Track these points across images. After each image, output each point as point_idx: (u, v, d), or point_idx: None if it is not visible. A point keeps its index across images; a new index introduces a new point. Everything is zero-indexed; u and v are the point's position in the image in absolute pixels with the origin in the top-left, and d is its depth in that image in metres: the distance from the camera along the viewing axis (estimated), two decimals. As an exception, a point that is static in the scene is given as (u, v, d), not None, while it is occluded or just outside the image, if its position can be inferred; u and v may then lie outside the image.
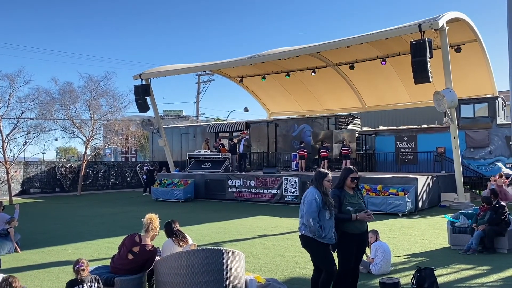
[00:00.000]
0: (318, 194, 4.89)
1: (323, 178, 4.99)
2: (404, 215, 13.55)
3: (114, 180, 27.33)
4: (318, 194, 4.89)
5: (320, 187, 4.94)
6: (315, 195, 4.88)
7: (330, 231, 4.88)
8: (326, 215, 4.86)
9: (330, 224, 4.89)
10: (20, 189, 23.26)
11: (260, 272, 6.84)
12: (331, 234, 4.88)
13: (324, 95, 26.84)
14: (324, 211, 4.85)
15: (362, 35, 16.95)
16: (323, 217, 4.84)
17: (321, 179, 4.98)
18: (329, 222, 4.88)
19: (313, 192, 4.93)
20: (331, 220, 4.92)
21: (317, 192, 4.91)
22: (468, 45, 18.95)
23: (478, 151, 18.86)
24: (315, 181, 5.01)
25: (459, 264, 7.46)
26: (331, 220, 4.91)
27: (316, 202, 4.83)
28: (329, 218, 4.89)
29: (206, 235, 10.49)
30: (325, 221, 4.84)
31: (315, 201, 4.83)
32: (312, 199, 4.87)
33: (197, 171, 21.29)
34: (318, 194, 4.89)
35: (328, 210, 4.87)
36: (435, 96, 14.77)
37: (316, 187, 4.96)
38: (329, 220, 4.89)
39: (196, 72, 35.32)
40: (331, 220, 4.91)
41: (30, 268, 7.50)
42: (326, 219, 4.85)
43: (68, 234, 11.02)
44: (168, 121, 52.92)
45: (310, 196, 4.91)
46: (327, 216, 4.86)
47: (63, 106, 24.17)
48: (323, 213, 4.85)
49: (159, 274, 5.30)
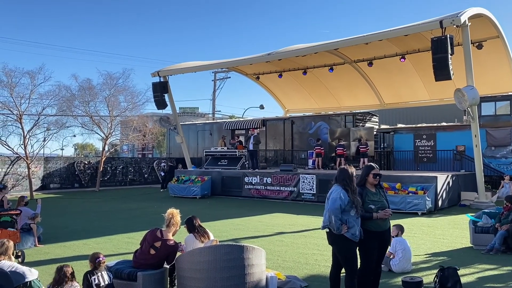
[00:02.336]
0: (344, 193, 4.85)
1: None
2: (423, 214, 13.38)
3: (132, 176, 27.60)
4: (343, 192, 4.86)
5: (350, 185, 4.89)
6: (340, 194, 4.85)
7: (356, 228, 4.86)
8: (352, 212, 4.84)
9: (357, 222, 4.88)
10: (40, 184, 23.67)
11: (279, 269, 6.83)
12: (356, 231, 4.85)
13: (341, 92, 26.62)
14: (350, 209, 4.83)
15: (381, 31, 16.75)
16: (349, 215, 4.83)
17: (349, 178, 4.91)
18: (355, 220, 4.87)
19: (338, 190, 4.90)
20: (358, 219, 4.90)
21: (342, 191, 4.87)
22: (490, 41, 18.56)
23: (499, 150, 18.49)
24: (342, 180, 4.95)
25: (482, 264, 7.34)
26: (358, 219, 4.90)
27: (340, 200, 4.80)
28: (356, 216, 4.87)
29: (224, 232, 10.53)
30: (350, 217, 4.83)
31: (340, 199, 4.81)
32: (337, 197, 4.84)
33: (214, 168, 21.36)
34: (343, 193, 4.85)
35: (355, 208, 4.85)
36: (456, 94, 14.51)
37: (343, 186, 4.91)
38: (356, 218, 4.88)
39: (213, 69, 35.42)
40: (358, 219, 4.90)
41: (53, 261, 7.61)
42: (351, 216, 4.84)
43: (89, 229, 11.17)
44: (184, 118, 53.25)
45: (335, 194, 4.89)
46: (352, 214, 4.85)
47: (82, 103, 24.51)
48: (349, 211, 4.83)
49: (181, 269, 5.33)
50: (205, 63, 23.26)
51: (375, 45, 19.19)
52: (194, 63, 23.88)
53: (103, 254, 5.35)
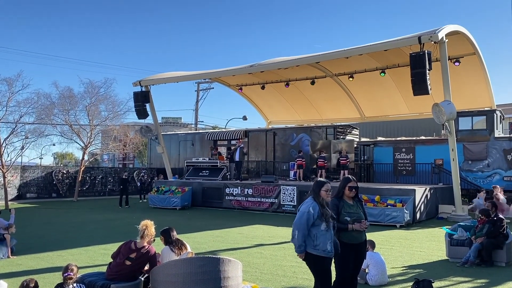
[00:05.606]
0: (314, 206, 4.71)
1: (320, 188, 4.80)
2: (401, 227, 13.52)
3: (111, 186, 27.21)
4: (314, 205, 4.71)
5: (317, 198, 4.77)
6: (309, 207, 4.69)
7: (325, 243, 4.67)
8: (322, 226, 4.68)
9: (326, 237, 4.69)
10: (16, 193, 23.12)
11: (257, 282, 6.79)
12: (325, 246, 4.66)
13: (323, 105, 26.91)
14: (320, 222, 4.67)
15: (361, 46, 17.03)
16: (318, 229, 4.67)
17: (318, 189, 4.81)
18: (325, 235, 4.69)
19: (309, 203, 4.76)
20: (328, 232, 4.72)
21: (313, 203, 4.74)
22: (467, 58, 19.06)
23: (476, 164, 18.87)
24: (313, 191, 4.84)
25: (456, 277, 7.42)
26: (328, 232, 4.72)
27: (309, 214, 4.65)
28: (325, 230, 4.69)
29: (203, 243, 10.43)
30: (319, 232, 4.67)
31: (308, 213, 4.66)
32: (305, 211, 4.69)
33: (195, 178, 21.24)
34: (313, 206, 4.70)
35: (325, 222, 4.69)
36: (434, 108, 14.81)
37: (314, 198, 4.79)
38: (326, 232, 4.70)
39: (196, 80, 35.40)
40: (328, 232, 4.72)
41: (25, 273, 7.41)
42: (321, 231, 4.68)
43: (64, 240, 10.94)
44: (167, 128, 52.93)
45: (304, 207, 4.74)
46: (322, 228, 4.68)
47: (62, 111, 24.17)
48: (319, 225, 4.68)
49: (155, 282, 5.25)
50: (188, 74, 23.22)
51: (356, 59, 19.50)
52: (177, 73, 23.83)
53: (76, 266, 5.27)
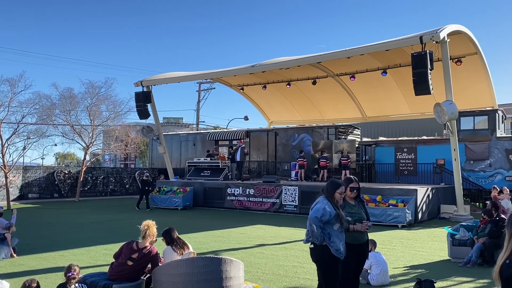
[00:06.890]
0: (329, 205, 4.62)
1: (335, 190, 4.68)
2: (403, 227, 13.50)
3: (113, 186, 27.21)
4: (329, 204, 4.63)
5: (331, 199, 4.67)
6: (325, 205, 4.61)
7: (338, 243, 4.61)
8: (336, 226, 4.63)
9: (339, 237, 4.64)
10: (18, 194, 23.15)
11: (258, 282, 6.79)
12: (338, 246, 4.60)
13: (324, 105, 26.89)
14: (335, 222, 4.61)
15: (363, 46, 17.03)
16: (332, 228, 4.61)
17: (333, 190, 4.69)
18: (338, 235, 4.63)
19: (324, 202, 4.67)
20: (342, 233, 4.67)
21: (328, 202, 4.66)
22: (469, 57, 19.04)
23: (478, 164, 18.84)
24: (326, 192, 4.74)
25: (459, 277, 7.41)
26: (341, 233, 4.67)
27: (325, 211, 4.56)
28: (339, 230, 4.65)
29: (204, 244, 10.43)
30: (333, 231, 4.61)
31: (324, 209, 4.56)
32: (321, 207, 4.61)
33: (196, 178, 21.24)
34: (329, 205, 4.63)
35: (339, 223, 4.63)
36: (436, 108, 14.79)
37: (328, 198, 4.71)
38: (339, 233, 4.65)
39: (197, 80, 35.42)
40: (341, 233, 4.67)
41: (27, 273, 7.42)
42: (334, 230, 4.62)
43: (66, 240, 10.94)
44: (168, 128, 52.96)
45: (320, 204, 4.66)
46: (335, 228, 4.63)
47: (63, 112, 24.20)
48: (333, 224, 4.61)
49: (157, 282, 5.25)
50: (189, 74, 23.24)
51: (357, 59, 19.49)
52: (178, 74, 23.85)
53: (78, 266, 5.26)
